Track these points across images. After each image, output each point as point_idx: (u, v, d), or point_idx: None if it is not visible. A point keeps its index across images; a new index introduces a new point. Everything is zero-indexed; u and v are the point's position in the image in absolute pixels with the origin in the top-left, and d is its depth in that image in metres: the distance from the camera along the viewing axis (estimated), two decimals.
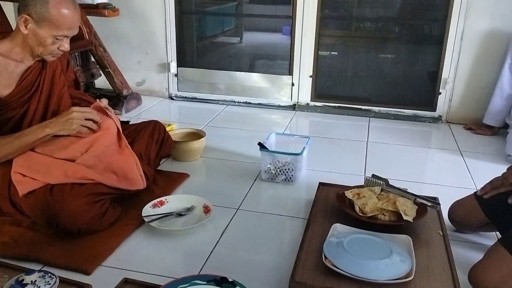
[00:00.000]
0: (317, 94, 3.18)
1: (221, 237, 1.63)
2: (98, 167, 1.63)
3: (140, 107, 3.15)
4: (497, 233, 1.60)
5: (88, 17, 2.84)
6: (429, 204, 1.62)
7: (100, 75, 3.07)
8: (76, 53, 2.83)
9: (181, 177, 2.06)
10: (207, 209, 1.73)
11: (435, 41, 2.94)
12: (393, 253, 1.35)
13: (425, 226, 1.60)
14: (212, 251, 1.55)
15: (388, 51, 3.17)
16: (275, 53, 3.50)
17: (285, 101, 3.20)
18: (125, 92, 3.07)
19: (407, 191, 1.67)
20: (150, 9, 3.19)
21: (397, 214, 1.56)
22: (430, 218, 1.63)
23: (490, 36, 2.76)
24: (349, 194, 1.67)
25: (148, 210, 1.71)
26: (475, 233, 1.67)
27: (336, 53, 3.29)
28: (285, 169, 2.02)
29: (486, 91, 2.82)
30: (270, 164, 2.04)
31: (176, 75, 3.33)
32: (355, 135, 2.72)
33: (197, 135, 2.35)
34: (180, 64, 3.32)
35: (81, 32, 2.71)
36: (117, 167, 1.66)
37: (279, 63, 3.35)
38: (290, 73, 3.15)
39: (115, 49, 3.23)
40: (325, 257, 1.34)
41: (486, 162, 2.37)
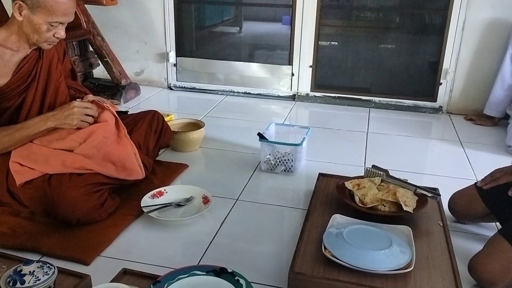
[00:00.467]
0: (317, 84, 3.16)
1: (220, 227, 1.63)
2: (96, 157, 1.62)
3: (138, 97, 3.13)
4: (497, 224, 1.60)
5: (86, 6, 2.81)
6: (429, 195, 1.62)
7: (98, 64, 3.05)
8: (74, 43, 2.81)
9: (180, 168, 2.05)
10: (206, 200, 1.73)
11: (436, 31, 2.92)
12: (393, 244, 1.34)
13: (425, 217, 1.60)
14: (211, 241, 1.54)
15: (388, 41, 3.15)
16: (274, 43, 3.47)
17: (285, 91, 3.18)
18: (123, 82, 3.05)
19: (407, 181, 1.66)
20: None
21: (397, 205, 1.56)
22: (430, 209, 1.63)
23: (491, 26, 2.74)
24: (349, 184, 1.66)
25: (147, 200, 1.70)
26: (475, 223, 1.66)
27: (336, 43, 3.27)
28: (285, 160, 2.01)
29: (487, 82, 2.81)
30: (269, 154, 2.03)
31: (175, 65, 3.31)
32: (355, 125, 2.71)
33: (196, 125, 2.34)
34: (179, 54, 3.30)
35: (79, 21, 2.69)
36: (115, 157, 1.66)
37: (278, 53, 3.33)
38: (290, 63, 3.13)
39: (113, 38, 3.20)
40: (325, 248, 1.34)
41: (486, 153, 2.36)
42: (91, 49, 2.99)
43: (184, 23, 3.33)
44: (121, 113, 2.04)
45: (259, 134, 2.05)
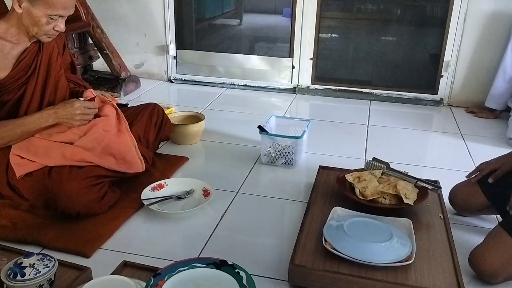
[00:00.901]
0: (318, 77, 3.15)
1: (220, 220, 1.63)
2: (96, 149, 1.62)
3: (138, 90, 3.12)
4: (498, 216, 1.60)
5: None
6: (430, 187, 1.61)
7: (98, 57, 3.04)
8: (73, 35, 2.79)
9: (180, 161, 2.05)
10: (206, 193, 1.72)
11: (438, 23, 2.90)
12: (394, 236, 1.34)
13: (426, 209, 1.59)
14: (211, 234, 1.54)
15: (389, 33, 3.13)
16: (275, 35, 3.46)
17: (285, 84, 3.17)
18: (123, 74, 3.04)
19: (408, 174, 1.66)
20: None
21: (398, 197, 1.56)
22: (430, 201, 1.63)
23: (493, 18, 2.72)
24: (349, 177, 1.66)
25: (147, 193, 1.70)
26: (476, 216, 1.66)
27: (337, 35, 3.25)
28: (285, 153, 2.01)
29: (488, 74, 2.80)
30: (270, 147, 2.03)
31: (175, 58, 3.30)
32: (356, 118, 2.70)
33: (196, 118, 2.33)
34: (179, 46, 3.28)
35: (78, 13, 2.67)
36: (116, 150, 1.65)
37: (279, 45, 3.31)
38: (290, 56, 3.12)
39: (113, 31, 3.19)
40: (325, 240, 1.34)
41: (487, 145, 2.36)
42: (90, 41, 2.98)
43: (184, 15, 3.31)
44: (121, 106, 2.03)
45: (260, 127, 2.05)
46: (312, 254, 1.33)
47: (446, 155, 2.26)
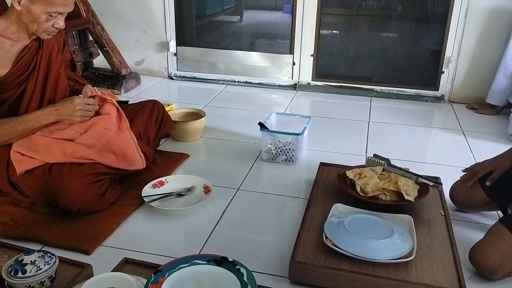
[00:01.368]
0: (318, 73, 3.14)
1: (221, 217, 1.63)
2: (96, 147, 1.62)
3: (139, 86, 3.12)
4: (499, 212, 1.60)
5: None
6: (431, 183, 1.61)
7: (98, 54, 3.04)
8: (73, 32, 2.79)
9: (181, 157, 2.05)
10: (207, 189, 1.72)
11: (439, 19, 2.89)
12: (394, 233, 1.34)
13: (427, 205, 1.59)
14: (212, 231, 1.54)
15: (390, 30, 3.12)
16: (275, 31, 3.45)
17: (286, 80, 3.17)
18: (123, 71, 3.03)
19: (409, 170, 1.66)
20: None
21: (399, 194, 1.56)
22: (431, 197, 1.62)
23: (494, 14, 2.71)
24: (350, 174, 1.66)
25: (148, 190, 1.70)
26: (477, 212, 1.66)
27: (337, 31, 3.24)
28: (286, 149, 2.01)
29: (489, 70, 2.79)
30: (270, 144, 2.03)
31: (175, 54, 3.29)
32: (357, 114, 2.69)
33: (197, 115, 2.33)
34: (179, 43, 3.28)
35: (78, 10, 2.66)
36: (116, 147, 1.65)
37: (279, 42, 3.31)
38: (291, 52, 3.11)
39: (113, 27, 3.18)
40: (326, 237, 1.34)
41: (488, 141, 2.36)
42: (90, 38, 2.97)
43: (184, 12, 3.30)
44: (121, 102, 2.03)
45: (260, 123, 2.04)
46: (312, 250, 1.33)
47: (447, 151, 2.26)
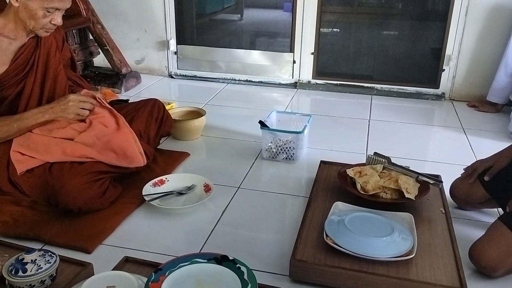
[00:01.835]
0: (319, 71, 3.14)
1: (222, 215, 1.63)
2: (96, 145, 1.61)
3: (139, 85, 3.12)
4: (499, 210, 1.60)
5: None
6: (431, 181, 1.61)
7: (98, 53, 3.04)
8: (73, 31, 2.79)
9: (181, 156, 2.05)
10: (207, 188, 1.72)
11: (439, 17, 2.89)
12: (395, 231, 1.34)
13: (427, 203, 1.59)
14: (213, 229, 1.55)
15: (391, 28, 3.12)
16: (276, 30, 3.44)
17: (286, 79, 3.16)
18: (124, 70, 3.03)
19: (409, 169, 1.66)
20: None
21: (399, 192, 1.56)
22: (432, 195, 1.62)
23: (495, 11, 2.71)
24: (350, 172, 1.66)
25: (148, 189, 1.70)
26: (477, 209, 1.66)
27: (338, 30, 3.24)
28: (286, 148, 2.01)
29: (490, 68, 2.79)
30: (271, 142, 2.03)
31: (175, 53, 3.29)
32: (357, 113, 2.69)
33: (197, 113, 2.33)
34: (179, 41, 3.27)
35: (79, 9, 2.66)
36: (116, 145, 1.65)
37: (280, 40, 3.30)
38: (291, 51, 3.11)
39: (114, 26, 3.18)
40: (326, 235, 1.34)
41: (489, 139, 2.35)
42: (91, 37, 2.97)
43: (184, 11, 3.30)
44: (122, 101, 2.03)
45: (261, 122, 2.04)
46: (313, 249, 1.33)
47: (447, 149, 2.26)
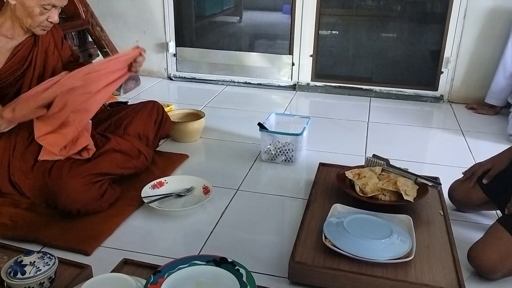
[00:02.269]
0: (318, 73, 3.14)
1: (220, 217, 1.63)
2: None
3: (138, 87, 3.12)
4: (498, 212, 1.60)
5: None
6: (430, 184, 1.61)
7: (98, 55, 3.03)
8: (73, 33, 2.79)
9: (180, 158, 2.05)
10: (206, 190, 1.72)
11: (438, 19, 2.90)
12: (393, 233, 1.34)
13: (426, 206, 1.60)
14: (211, 231, 1.55)
15: (389, 30, 3.13)
16: (275, 32, 3.45)
17: (285, 81, 3.17)
18: None
19: (408, 171, 1.66)
20: None
21: (398, 194, 1.56)
22: (430, 198, 1.63)
23: (493, 14, 2.72)
24: (349, 174, 1.66)
25: (147, 191, 1.70)
26: (476, 212, 1.66)
27: (337, 32, 3.24)
28: (285, 150, 2.01)
29: (488, 70, 2.79)
30: (270, 144, 2.03)
31: (174, 55, 3.29)
32: (356, 115, 2.70)
33: (196, 115, 2.33)
34: (178, 44, 3.28)
35: (78, 11, 2.67)
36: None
37: (279, 42, 3.31)
38: (290, 53, 3.11)
39: (113, 28, 3.18)
40: (325, 237, 1.34)
41: (487, 141, 2.36)
42: (90, 39, 2.97)
43: (183, 13, 3.30)
44: (121, 103, 2.03)
45: (260, 124, 2.04)
46: (312, 251, 1.34)
47: (446, 151, 2.26)
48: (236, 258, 1.14)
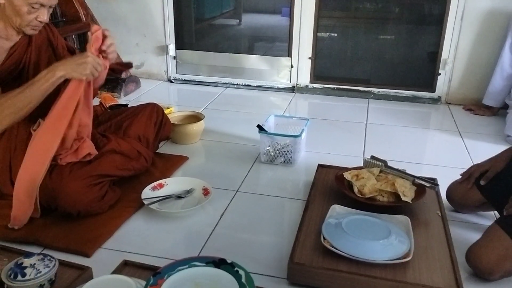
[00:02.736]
0: (316, 75, 3.15)
1: (220, 219, 1.64)
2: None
3: (139, 90, 3.13)
4: (496, 212, 1.61)
5: None
6: (428, 185, 1.62)
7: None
8: (73, 36, 2.80)
9: (180, 160, 2.06)
10: (206, 192, 1.73)
11: (435, 21, 2.91)
12: (392, 234, 1.35)
13: (424, 206, 1.60)
14: (211, 233, 1.55)
15: (387, 32, 3.14)
16: (274, 34, 3.46)
17: (284, 83, 3.18)
18: (123, 75, 3.04)
19: (406, 172, 1.67)
20: None
21: (396, 195, 1.57)
22: (428, 198, 1.63)
23: (490, 15, 2.73)
24: (348, 175, 1.67)
25: (147, 192, 1.71)
26: (473, 213, 1.67)
27: (335, 34, 3.26)
28: (284, 151, 2.02)
29: (486, 72, 2.80)
30: (269, 146, 2.04)
31: (174, 58, 3.30)
32: (354, 116, 2.71)
33: (196, 117, 2.34)
34: (178, 46, 3.29)
35: (78, 14, 2.69)
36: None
37: (278, 44, 3.32)
38: (289, 55, 3.12)
39: (113, 31, 3.11)
40: (324, 238, 1.35)
41: (485, 142, 2.37)
42: None
43: (183, 16, 3.32)
44: (121, 106, 2.04)
45: (259, 126, 2.05)
46: (311, 252, 1.34)
47: (444, 152, 2.27)
48: (235, 259, 1.15)
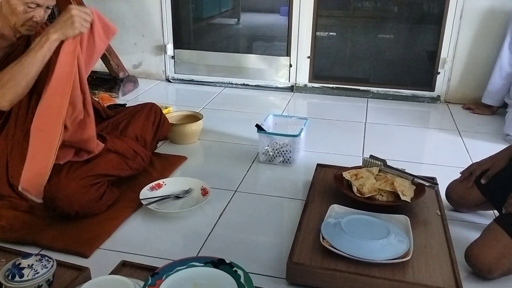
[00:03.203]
0: (315, 75, 3.15)
1: (219, 219, 1.63)
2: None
3: (137, 90, 3.13)
4: (495, 212, 1.60)
5: None
6: (427, 184, 1.62)
7: None
8: None
9: (178, 160, 2.05)
10: (205, 192, 1.73)
11: (434, 20, 2.91)
12: (391, 233, 1.35)
13: (423, 206, 1.60)
14: (210, 233, 1.55)
15: (386, 31, 3.14)
16: (272, 34, 3.46)
17: (283, 82, 3.18)
18: (121, 75, 3.04)
19: (405, 171, 1.66)
20: None
21: (395, 194, 1.56)
22: (428, 198, 1.63)
23: (489, 14, 2.73)
24: (347, 175, 1.66)
25: (145, 193, 1.71)
26: (473, 212, 1.67)
27: (334, 33, 3.26)
28: (283, 151, 2.02)
29: (485, 70, 2.80)
30: (268, 146, 2.03)
31: (172, 57, 3.30)
32: (353, 116, 2.70)
33: (194, 117, 2.34)
34: (176, 46, 3.29)
35: None
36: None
37: (276, 44, 3.32)
38: (287, 54, 3.12)
39: None
40: (323, 238, 1.35)
41: (484, 141, 2.37)
42: None
43: (181, 15, 3.31)
44: (119, 106, 2.03)
45: (257, 125, 2.05)
46: (310, 251, 1.34)
47: (443, 151, 2.27)
48: (234, 259, 1.15)
